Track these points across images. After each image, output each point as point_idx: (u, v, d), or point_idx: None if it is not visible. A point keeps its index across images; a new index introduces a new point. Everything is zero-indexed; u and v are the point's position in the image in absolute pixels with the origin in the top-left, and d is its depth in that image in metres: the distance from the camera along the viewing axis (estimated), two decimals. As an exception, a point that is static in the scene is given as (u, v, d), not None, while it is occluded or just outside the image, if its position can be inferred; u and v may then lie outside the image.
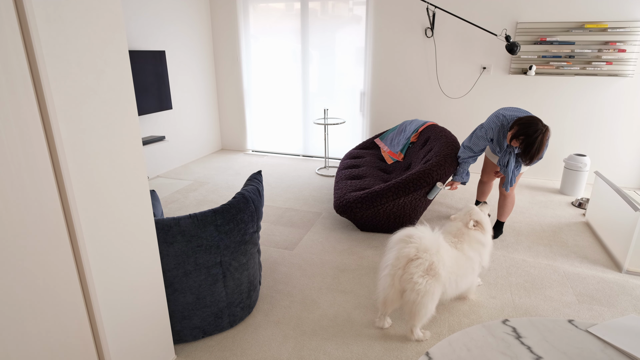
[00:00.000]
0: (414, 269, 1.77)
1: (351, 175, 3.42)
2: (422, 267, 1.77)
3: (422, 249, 1.79)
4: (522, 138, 2.51)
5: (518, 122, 2.54)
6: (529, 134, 2.47)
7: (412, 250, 1.79)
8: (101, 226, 1.37)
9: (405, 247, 1.82)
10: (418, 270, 1.77)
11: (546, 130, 2.47)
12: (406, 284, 1.79)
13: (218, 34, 5.14)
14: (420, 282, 1.76)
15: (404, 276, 1.80)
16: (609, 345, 1.02)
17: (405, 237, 1.85)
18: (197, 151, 5.21)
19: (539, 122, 2.48)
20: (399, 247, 1.84)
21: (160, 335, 1.73)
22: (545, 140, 2.48)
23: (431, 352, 1.01)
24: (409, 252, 1.80)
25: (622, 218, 2.63)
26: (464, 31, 4.20)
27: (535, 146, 2.47)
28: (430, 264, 1.78)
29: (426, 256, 1.78)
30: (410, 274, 1.77)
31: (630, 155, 4.07)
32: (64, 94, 1.19)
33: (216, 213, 1.80)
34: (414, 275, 1.77)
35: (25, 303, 1.19)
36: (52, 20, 1.13)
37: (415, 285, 1.77)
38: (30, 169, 1.15)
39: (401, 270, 1.81)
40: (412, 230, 1.87)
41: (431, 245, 1.81)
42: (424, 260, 1.78)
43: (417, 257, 1.78)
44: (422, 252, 1.79)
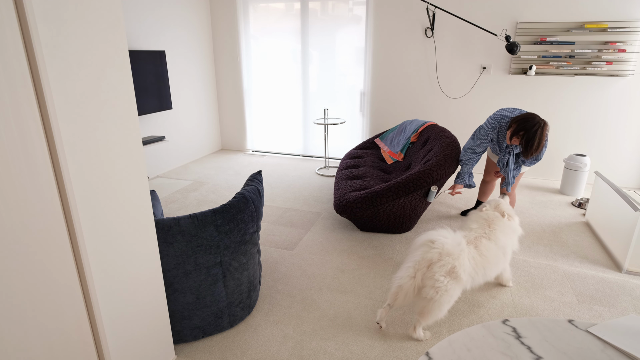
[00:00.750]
0: (436, 269, 1.84)
1: (351, 175, 3.42)
2: (445, 269, 1.84)
3: (445, 253, 1.87)
4: (521, 134, 2.54)
5: (515, 120, 2.58)
6: (528, 128, 2.50)
7: (436, 255, 1.87)
8: (101, 226, 1.37)
9: (429, 251, 1.89)
10: (440, 271, 1.84)
11: (544, 124, 2.50)
12: (427, 280, 1.86)
13: (218, 34, 5.14)
14: (442, 280, 1.83)
15: (427, 274, 1.87)
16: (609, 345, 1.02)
17: (429, 242, 1.92)
18: (197, 151, 5.21)
19: (536, 117, 2.51)
20: (423, 251, 1.92)
21: (160, 335, 1.73)
22: (545, 133, 2.50)
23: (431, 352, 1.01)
24: (432, 256, 1.87)
25: (622, 218, 2.63)
26: (464, 31, 4.20)
27: (536, 140, 2.49)
28: (451, 267, 1.85)
29: (448, 260, 1.85)
30: (433, 273, 1.85)
31: (630, 155, 4.07)
32: (64, 94, 1.19)
33: (216, 213, 1.80)
34: (435, 274, 1.84)
35: (25, 303, 1.19)
36: (52, 20, 1.13)
37: (435, 283, 1.83)
38: (30, 169, 1.15)
39: (425, 268, 1.88)
40: (435, 235, 1.94)
41: (453, 249, 1.88)
42: (446, 263, 1.84)
43: (439, 260, 1.85)
44: (445, 256, 1.86)
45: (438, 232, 1.96)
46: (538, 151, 2.55)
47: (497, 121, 2.74)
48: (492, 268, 2.04)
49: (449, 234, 1.96)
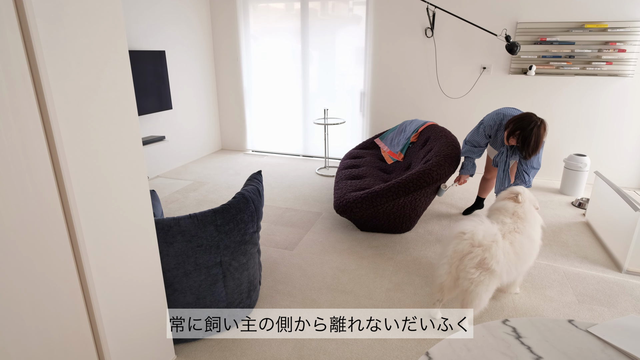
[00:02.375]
0: (467, 262, 1.87)
1: (351, 175, 3.42)
2: (475, 261, 1.86)
3: (475, 244, 1.88)
4: (517, 133, 2.54)
5: (511, 120, 2.58)
6: (524, 127, 2.50)
7: (466, 247, 1.89)
8: (101, 226, 1.37)
9: (460, 243, 1.92)
10: (471, 262, 1.86)
11: (541, 123, 2.48)
12: (461, 272, 1.90)
13: (218, 34, 5.14)
14: (473, 272, 1.86)
15: (460, 266, 1.90)
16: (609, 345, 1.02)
17: (460, 233, 1.95)
18: (197, 151, 5.21)
19: (533, 116, 2.51)
20: (454, 243, 1.95)
21: (160, 335, 1.73)
22: (542, 132, 2.49)
23: (431, 352, 1.01)
24: (463, 248, 1.90)
25: (622, 218, 2.63)
26: (464, 31, 4.20)
27: (532, 138, 2.48)
28: (481, 259, 1.86)
29: (478, 251, 1.87)
30: (464, 265, 1.88)
31: (630, 155, 4.07)
32: (64, 94, 1.19)
33: (216, 213, 1.80)
34: (467, 266, 1.87)
35: (25, 303, 1.19)
36: (52, 20, 1.13)
37: (468, 274, 1.86)
38: (30, 169, 1.15)
39: (457, 261, 1.92)
40: (466, 226, 1.96)
41: (484, 240, 1.89)
42: (476, 254, 1.86)
43: (470, 251, 1.88)
44: (475, 247, 1.88)
45: (471, 222, 1.97)
46: (537, 150, 2.54)
47: (499, 119, 2.75)
48: (527, 261, 2.06)
49: (481, 224, 1.96)
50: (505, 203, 2.20)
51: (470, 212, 3.43)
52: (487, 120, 2.83)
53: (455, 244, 1.94)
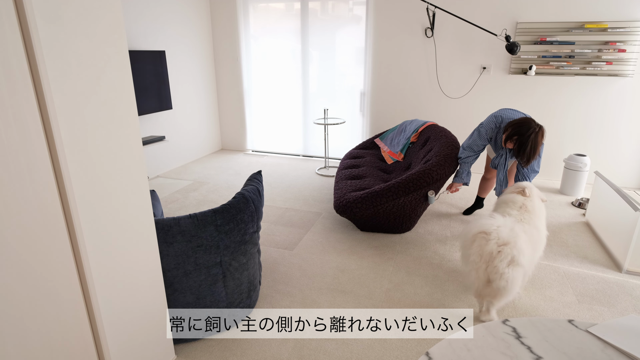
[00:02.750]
0: (498, 263, 1.85)
1: (351, 175, 3.42)
2: (507, 260, 1.84)
3: (502, 243, 1.86)
4: (515, 138, 2.53)
5: (511, 124, 2.56)
6: (522, 132, 2.48)
7: (494, 247, 1.86)
8: (101, 226, 1.37)
9: (486, 244, 1.88)
10: (502, 263, 1.84)
11: (539, 129, 2.47)
12: (493, 274, 1.87)
13: (218, 34, 5.14)
14: (507, 271, 1.84)
15: (489, 269, 1.87)
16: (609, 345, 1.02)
17: (483, 234, 1.91)
18: (197, 151, 5.21)
19: (532, 122, 2.48)
20: (479, 245, 1.91)
21: (160, 335, 1.73)
22: (540, 139, 2.48)
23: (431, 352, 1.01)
24: (491, 249, 1.87)
25: (622, 218, 2.63)
26: (464, 31, 4.20)
27: (529, 145, 2.47)
28: (512, 257, 1.85)
29: (507, 250, 1.85)
30: (495, 266, 1.85)
31: (630, 155, 4.07)
32: (64, 94, 1.19)
33: (216, 213, 1.80)
34: (499, 267, 1.84)
35: (25, 303, 1.19)
36: (52, 20, 1.13)
37: (502, 275, 1.84)
38: (30, 169, 1.15)
39: (484, 264, 1.89)
40: (487, 225, 1.92)
41: (509, 237, 1.88)
42: (506, 253, 1.85)
43: (499, 251, 1.85)
44: (503, 246, 1.86)
45: (489, 221, 1.94)
46: (534, 157, 2.52)
47: (498, 122, 2.74)
48: (538, 251, 2.07)
49: (499, 221, 1.93)
50: (513, 196, 2.21)
51: (470, 212, 3.43)
52: (486, 123, 2.82)
53: (479, 247, 1.90)
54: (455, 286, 2.41)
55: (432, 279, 2.49)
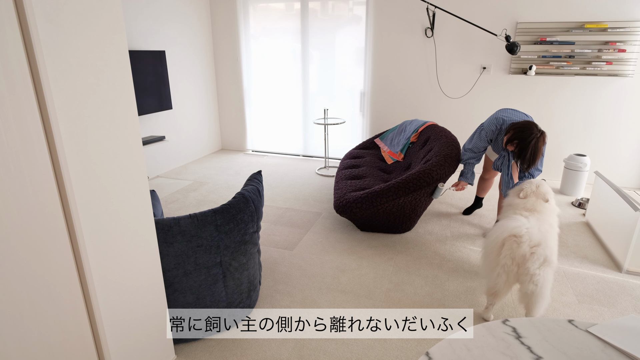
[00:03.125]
0: (530, 264, 1.83)
1: (351, 175, 3.42)
2: (539, 261, 1.83)
3: (534, 244, 1.85)
4: (516, 142, 2.51)
5: (513, 126, 2.54)
6: (524, 137, 2.46)
7: (527, 249, 1.84)
8: (101, 226, 1.37)
9: (518, 247, 1.86)
10: (534, 265, 1.82)
11: (541, 135, 2.45)
12: (523, 276, 1.85)
13: (218, 34, 5.14)
14: (538, 273, 1.82)
15: (520, 271, 1.85)
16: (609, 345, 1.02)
17: (513, 238, 1.88)
18: (197, 151, 5.21)
19: (534, 127, 2.46)
20: (509, 248, 1.88)
21: (160, 335, 1.73)
22: (541, 145, 2.46)
23: (431, 352, 1.01)
24: (524, 252, 1.84)
25: (622, 218, 2.63)
26: (464, 31, 4.20)
27: (529, 150, 2.45)
28: (545, 258, 1.83)
29: (540, 251, 1.83)
30: (527, 268, 1.83)
31: (630, 155, 4.07)
32: (64, 94, 1.19)
33: (216, 213, 1.80)
34: (530, 269, 1.83)
35: (25, 303, 1.19)
36: (52, 20, 1.13)
37: (533, 277, 1.82)
38: (30, 169, 1.15)
39: (516, 267, 1.86)
40: (517, 228, 1.89)
41: (540, 238, 1.86)
42: (539, 255, 1.83)
43: (532, 253, 1.84)
44: (535, 247, 1.84)
45: (516, 223, 1.90)
46: (535, 163, 2.51)
47: (499, 124, 2.73)
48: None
49: (527, 222, 1.91)
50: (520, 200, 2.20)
51: (470, 211, 3.43)
52: (487, 125, 2.81)
53: (510, 250, 1.87)
54: (455, 286, 2.41)
55: (432, 279, 2.49)
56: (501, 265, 1.89)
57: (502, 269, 1.89)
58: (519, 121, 2.57)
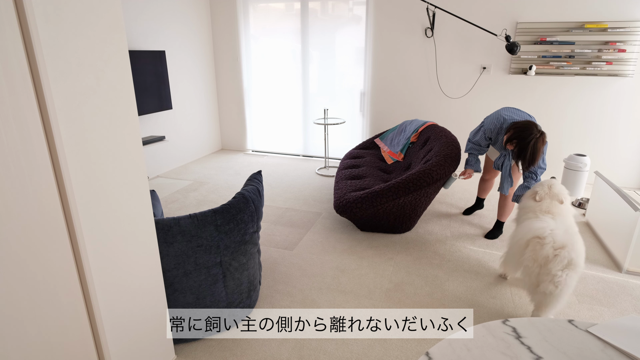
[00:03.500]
0: (552, 266, 1.80)
1: (351, 175, 3.42)
2: (562, 264, 1.80)
3: (559, 247, 1.82)
4: (515, 142, 2.51)
5: (514, 126, 2.54)
6: (523, 137, 2.46)
7: (550, 251, 1.82)
8: (101, 226, 1.37)
9: (541, 249, 1.83)
10: (557, 266, 1.80)
11: (541, 136, 2.44)
12: (544, 276, 1.82)
13: (218, 34, 5.14)
14: (560, 274, 1.79)
15: (542, 270, 1.83)
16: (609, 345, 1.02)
17: (537, 239, 1.86)
18: (197, 151, 5.21)
19: (534, 127, 2.45)
20: (532, 249, 1.86)
21: (160, 335, 1.73)
22: (541, 145, 2.46)
23: (431, 352, 1.01)
24: (547, 254, 1.82)
25: (622, 218, 2.63)
26: (464, 31, 4.20)
27: (528, 151, 2.44)
28: (569, 260, 1.81)
29: (564, 253, 1.81)
30: (548, 269, 1.81)
31: (630, 155, 4.06)
32: (64, 94, 1.19)
33: (216, 213, 1.80)
34: (552, 270, 1.80)
35: (25, 303, 1.19)
36: (52, 20, 1.13)
37: (554, 278, 1.80)
38: (30, 169, 1.15)
39: (537, 268, 1.84)
40: (541, 230, 1.86)
41: (566, 240, 1.83)
42: (562, 257, 1.80)
43: (555, 255, 1.81)
44: (560, 250, 1.81)
45: (541, 225, 1.88)
46: (534, 163, 2.50)
47: (499, 122, 2.72)
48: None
49: (551, 223, 1.88)
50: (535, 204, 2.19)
51: (470, 212, 3.43)
52: (487, 123, 2.81)
53: (533, 252, 1.84)
54: (455, 286, 2.41)
55: (432, 279, 2.49)
56: (523, 266, 1.86)
57: (525, 270, 1.85)
58: (519, 120, 2.56)
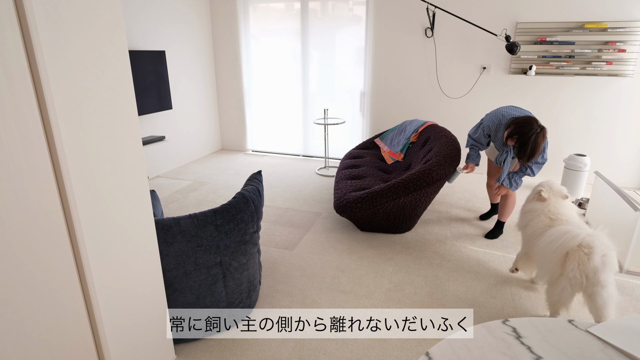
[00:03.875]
0: (604, 276, 1.76)
1: (351, 175, 3.42)
2: (614, 269, 1.78)
3: (606, 252, 1.78)
4: (516, 137, 2.51)
5: (514, 121, 2.55)
6: (524, 132, 2.46)
7: (599, 260, 1.76)
8: (101, 226, 1.37)
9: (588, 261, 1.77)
10: (609, 276, 1.77)
11: (541, 131, 2.45)
12: (593, 287, 1.78)
13: (218, 34, 5.14)
14: (611, 280, 1.78)
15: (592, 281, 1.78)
16: (609, 345, 1.02)
17: (582, 249, 1.79)
18: (197, 151, 5.21)
19: (535, 122, 2.46)
20: (579, 260, 1.79)
21: (160, 335, 1.73)
22: (541, 140, 2.47)
23: (431, 352, 1.01)
24: (596, 264, 1.76)
25: (622, 218, 2.63)
26: (464, 31, 4.20)
27: (529, 146, 2.46)
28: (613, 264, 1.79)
29: (612, 257, 1.78)
30: (597, 280, 1.76)
31: (630, 155, 4.06)
32: (64, 94, 1.19)
33: (216, 213, 1.80)
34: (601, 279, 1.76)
35: (25, 303, 1.19)
36: (52, 20, 1.13)
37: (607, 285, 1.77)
38: (30, 169, 1.15)
39: (584, 278, 1.79)
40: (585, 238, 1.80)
41: (610, 245, 1.80)
42: (611, 262, 1.77)
43: (604, 264, 1.77)
44: (607, 256, 1.77)
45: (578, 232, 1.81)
46: (534, 157, 2.51)
47: (498, 119, 2.72)
48: None
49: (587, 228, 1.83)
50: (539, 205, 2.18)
51: (487, 217, 3.38)
52: (486, 120, 2.81)
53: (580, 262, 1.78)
54: (455, 286, 2.41)
55: (432, 279, 2.49)
56: (568, 278, 1.80)
57: (569, 281, 1.80)
58: (520, 116, 2.57)
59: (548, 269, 1.91)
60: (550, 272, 1.90)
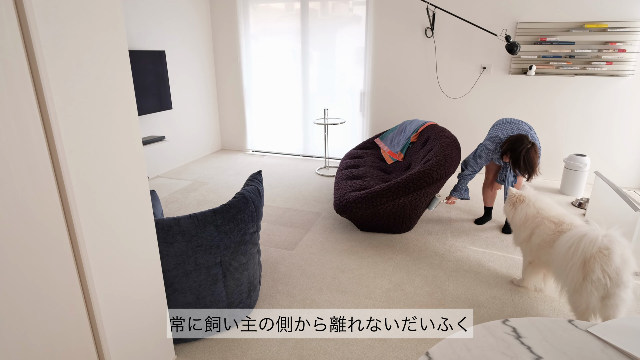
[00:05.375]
0: (626, 276, 1.76)
1: (351, 175, 3.42)
2: (633, 268, 1.77)
3: (626, 254, 1.77)
4: (509, 153, 2.72)
5: (508, 140, 2.76)
6: (515, 148, 2.67)
7: (619, 259, 1.75)
8: (101, 226, 1.37)
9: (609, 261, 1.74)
10: (630, 276, 1.76)
11: (531, 146, 2.65)
12: (616, 288, 1.77)
13: (218, 34, 5.14)
14: (632, 280, 1.77)
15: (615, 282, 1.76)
16: (609, 345, 1.02)
17: (603, 251, 1.77)
18: (197, 151, 5.21)
19: (525, 139, 2.67)
20: (602, 264, 1.76)
21: (160, 335, 1.73)
22: (533, 154, 2.65)
23: (431, 352, 1.01)
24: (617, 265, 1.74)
25: (622, 218, 2.63)
26: (464, 31, 4.20)
27: (522, 160, 2.66)
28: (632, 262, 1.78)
29: (630, 257, 1.77)
30: (620, 280, 1.75)
31: (630, 155, 4.06)
32: (64, 94, 1.19)
33: (216, 213, 1.80)
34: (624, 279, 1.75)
35: (25, 303, 1.19)
36: (52, 20, 1.13)
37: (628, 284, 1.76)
38: (30, 169, 1.15)
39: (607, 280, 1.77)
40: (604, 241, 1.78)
41: (625, 243, 1.79)
42: (631, 263, 1.76)
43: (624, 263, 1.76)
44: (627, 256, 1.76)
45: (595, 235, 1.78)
46: (534, 172, 2.68)
47: (494, 142, 2.89)
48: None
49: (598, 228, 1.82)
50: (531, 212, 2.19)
51: (483, 222, 3.36)
52: (485, 144, 2.95)
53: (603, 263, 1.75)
54: (455, 286, 2.41)
55: (432, 279, 2.49)
56: (592, 281, 1.77)
57: (594, 285, 1.77)
58: (513, 135, 2.76)
59: (570, 277, 1.86)
60: (572, 279, 1.86)
